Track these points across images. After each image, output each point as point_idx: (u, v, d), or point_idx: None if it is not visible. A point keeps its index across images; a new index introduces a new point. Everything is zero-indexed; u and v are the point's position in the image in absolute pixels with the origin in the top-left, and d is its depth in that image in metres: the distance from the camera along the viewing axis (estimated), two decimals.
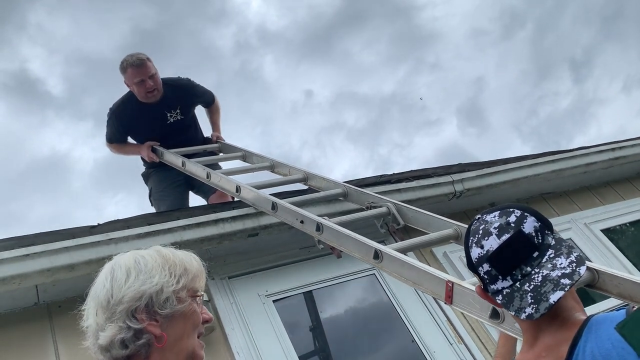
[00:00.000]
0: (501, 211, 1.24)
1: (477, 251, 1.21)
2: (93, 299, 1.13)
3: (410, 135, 37.34)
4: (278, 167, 3.37)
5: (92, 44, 21.09)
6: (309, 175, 3.14)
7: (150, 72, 3.57)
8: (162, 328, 1.08)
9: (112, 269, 1.14)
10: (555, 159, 3.91)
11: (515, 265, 1.16)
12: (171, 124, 3.74)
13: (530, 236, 1.18)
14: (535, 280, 1.13)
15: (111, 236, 2.53)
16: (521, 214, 1.22)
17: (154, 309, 1.08)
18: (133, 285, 1.09)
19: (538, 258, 1.16)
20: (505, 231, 1.19)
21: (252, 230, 2.87)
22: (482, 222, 1.24)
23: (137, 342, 1.07)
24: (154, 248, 1.20)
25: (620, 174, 4.33)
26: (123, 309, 1.07)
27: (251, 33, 29.33)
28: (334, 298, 3.12)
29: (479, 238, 1.21)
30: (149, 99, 3.62)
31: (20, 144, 22.77)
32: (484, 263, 1.19)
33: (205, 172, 3.20)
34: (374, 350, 2.94)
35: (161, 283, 1.10)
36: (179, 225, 2.71)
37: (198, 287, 1.18)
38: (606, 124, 36.24)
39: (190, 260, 1.20)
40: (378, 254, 2.07)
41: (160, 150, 3.66)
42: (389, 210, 2.60)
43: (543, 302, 1.09)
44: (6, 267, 2.31)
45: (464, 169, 3.64)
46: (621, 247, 3.79)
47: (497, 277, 1.18)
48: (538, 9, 30.47)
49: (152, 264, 1.13)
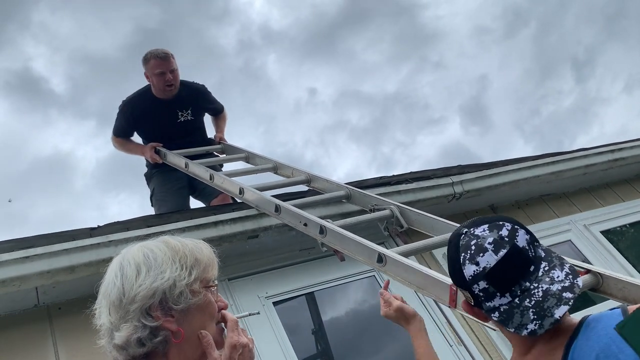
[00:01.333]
0: (490, 224, 1.19)
1: (472, 268, 1.15)
2: (104, 297, 1.10)
3: (413, 134, 37.36)
4: (281, 169, 3.37)
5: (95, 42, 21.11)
6: (312, 177, 3.14)
7: (172, 66, 3.68)
8: (178, 323, 1.06)
9: (121, 265, 1.11)
10: (555, 161, 3.91)
11: (515, 281, 1.13)
12: (181, 122, 3.81)
13: (524, 250, 1.15)
14: (537, 296, 1.10)
15: (111, 238, 2.53)
16: (512, 227, 1.18)
17: (168, 304, 1.06)
18: (144, 282, 1.06)
19: (535, 272, 1.14)
20: (501, 246, 1.14)
21: (252, 232, 2.87)
22: (472, 237, 1.18)
23: (154, 340, 1.04)
24: (161, 239, 1.16)
25: (620, 176, 4.33)
26: (137, 307, 1.04)
27: (254, 32, 29.39)
28: (334, 300, 3.12)
29: (472, 254, 1.16)
30: (165, 92, 3.71)
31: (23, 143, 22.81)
32: (480, 280, 1.14)
33: (208, 174, 3.20)
34: (374, 352, 2.94)
35: (173, 277, 1.07)
36: (178, 228, 2.71)
37: (211, 277, 1.16)
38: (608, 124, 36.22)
39: (200, 249, 1.17)
40: (382, 258, 2.07)
41: (164, 152, 3.67)
42: (392, 213, 2.60)
43: (547, 318, 1.07)
44: (6, 269, 2.31)
45: (463, 171, 3.64)
46: (621, 249, 3.79)
47: (495, 294, 1.14)
48: (541, 6, 30.47)
49: (162, 258, 1.10)
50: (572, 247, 3.72)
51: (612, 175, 4.26)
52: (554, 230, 3.77)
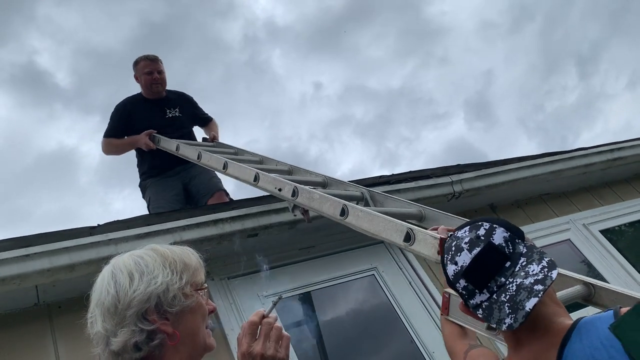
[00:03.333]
0: (471, 226, 1.25)
1: (452, 268, 1.23)
2: (98, 305, 1.12)
3: (418, 129, 37.27)
4: (266, 162, 3.62)
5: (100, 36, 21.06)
6: (293, 169, 3.42)
7: (159, 68, 4.06)
8: (173, 326, 1.10)
9: (113, 273, 1.13)
10: (554, 160, 3.92)
11: (490, 278, 1.17)
12: (169, 118, 4.08)
13: (500, 247, 1.19)
14: (511, 290, 1.14)
15: (111, 237, 2.53)
16: (490, 226, 1.23)
17: (163, 308, 1.09)
18: (139, 287, 1.09)
19: (511, 267, 1.17)
20: (475, 245, 1.20)
21: (251, 231, 2.88)
22: (454, 239, 1.26)
23: (151, 344, 1.08)
24: (149, 247, 1.19)
25: (619, 175, 4.34)
26: (133, 312, 1.07)
27: (259, 27, 29.34)
28: (333, 298, 3.12)
29: (452, 255, 1.23)
30: (153, 90, 4.04)
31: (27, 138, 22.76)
32: (460, 279, 1.21)
33: (196, 153, 3.46)
34: (374, 350, 2.95)
35: (165, 282, 1.11)
36: (178, 226, 2.71)
37: (200, 280, 1.20)
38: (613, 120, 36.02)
39: (187, 255, 1.21)
40: (344, 211, 2.26)
41: (158, 137, 3.89)
42: (362, 195, 2.81)
43: (520, 311, 1.10)
44: (6, 267, 2.31)
45: (462, 170, 3.64)
46: (620, 248, 3.80)
47: (474, 292, 1.19)
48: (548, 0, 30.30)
49: (153, 264, 1.13)
50: (572, 246, 3.73)
51: (612, 174, 4.26)
52: (553, 229, 3.77)
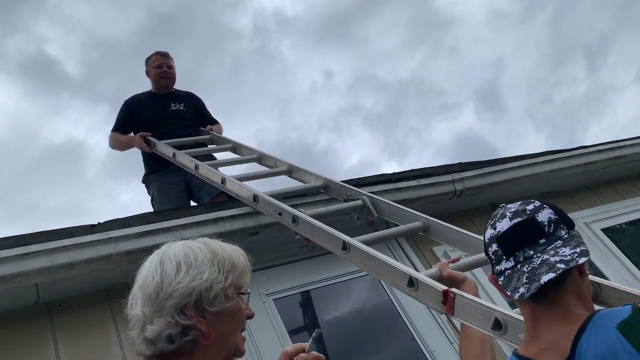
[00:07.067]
0: (523, 201, 1.29)
1: (490, 232, 1.27)
2: (141, 289, 1.11)
3: (427, 119, 37.10)
4: (265, 159, 3.54)
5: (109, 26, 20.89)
6: (293, 168, 3.27)
7: (169, 62, 4.14)
8: (209, 325, 1.08)
9: (162, 260, 1.12)
10: (555, 159, 3.91)
11: (520, 247, 1.20)
12: (172, 110, 4.09)
13: (542, 224, 1.22)
14: (534, 263, 1.16)
15: (111, 235, 2.52)
16: (540, 204, 1.26)
17: (202, 305, 1.08)
18: (183, 280, 1.08)
19: (543, 245, 1.19)
20: (518, 215, 1.24)
21: (252, 229, 2.87)
22: (502, 209, 1.30)
23: (184, 338, 1.06)
24: (202, 240, 1.18)
25: (621, 173, 4.33)
26: (172, 304, 1.06)
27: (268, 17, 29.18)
28: (335, 297, 3.12)
29: (495, 220, 1.27)
30: (161, 83, 4.11)
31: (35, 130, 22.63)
32: (493, 243, 1.25)
33: (193, 164, 3.36)
34: (375, 349, 2.94)
35: (210, 279, 1.09)
36: (178, 224, 2.70)
37: (244, 284, 1.18)
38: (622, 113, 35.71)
39: (237, 255, 1.19)
40: (346, 246, 2.16)
41: (153, 142, 3.81)
42: (364, 203, 2.69)
43: (534, 282, 1.13)
44: (6, 265, 2.30)
45: (463, 168, 3.64)
46: (621, 247, 3.79)
47: (502, 258, 1.22)
48: None
49: (202, 259, 1.12)
50: None
51: (613, 173, 4.25)
52: None
